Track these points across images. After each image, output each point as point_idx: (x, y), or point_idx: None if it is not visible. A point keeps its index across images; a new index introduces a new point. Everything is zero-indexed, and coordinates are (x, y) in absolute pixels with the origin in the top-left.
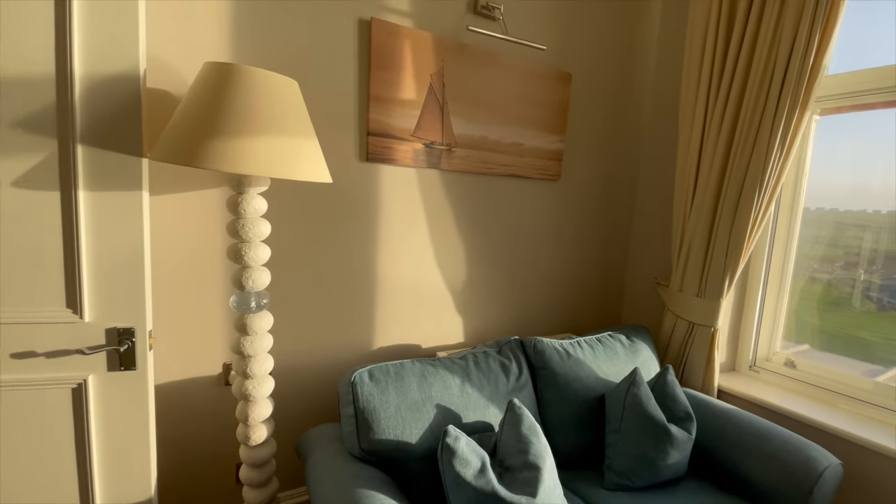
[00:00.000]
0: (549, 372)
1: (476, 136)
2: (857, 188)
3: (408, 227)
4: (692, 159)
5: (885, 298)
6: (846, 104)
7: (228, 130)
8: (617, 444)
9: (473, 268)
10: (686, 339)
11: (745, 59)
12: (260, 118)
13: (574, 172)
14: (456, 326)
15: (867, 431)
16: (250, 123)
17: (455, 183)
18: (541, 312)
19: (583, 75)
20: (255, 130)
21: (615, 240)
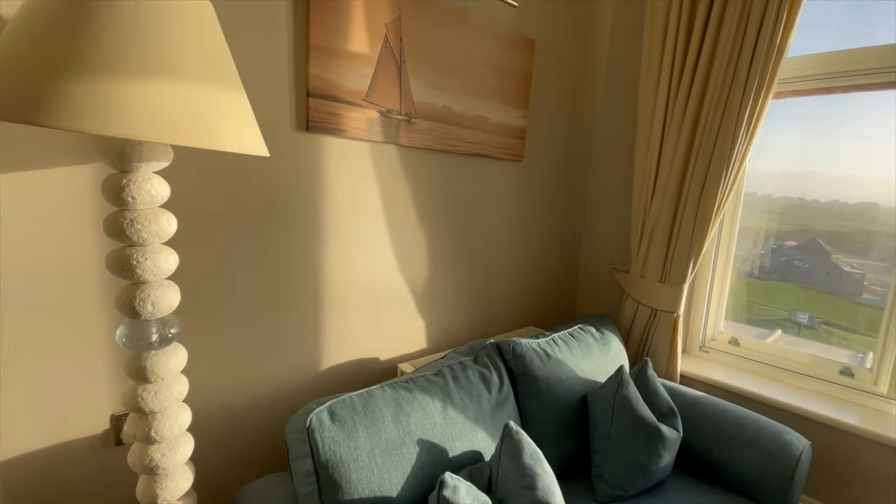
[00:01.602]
0: (530, 378)
1: (439, 106)
2: (793, 175)
3: (361, 216)
4: (654, 144)
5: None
6: (784, 90)
7: (99, 66)
8: (607, 451)
9: (436, 263)
10: (648, 325)
11: (712, 37)
12: (154, 50)
13: (537, 153)
14: (418, 331)
15: (820, 406)
16: (137, 57)
17: (417, 162)
18: (504, 307)
19: (545, 43)
20: (147, 69)
21: (571, 225)
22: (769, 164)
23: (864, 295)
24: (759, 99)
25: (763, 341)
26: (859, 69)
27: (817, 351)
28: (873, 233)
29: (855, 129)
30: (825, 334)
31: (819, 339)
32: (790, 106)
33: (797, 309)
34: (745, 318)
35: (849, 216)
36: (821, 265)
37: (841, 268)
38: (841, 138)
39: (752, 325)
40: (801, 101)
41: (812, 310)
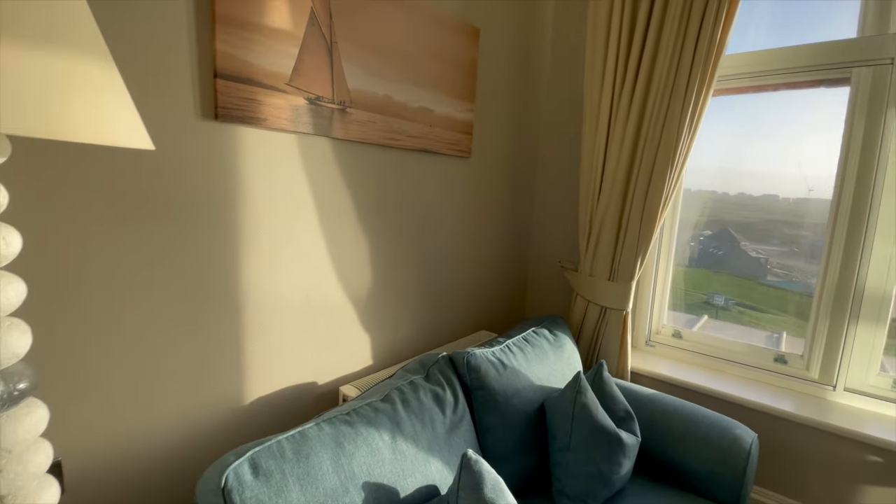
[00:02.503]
0: (486, 392)
1: (379, 95)
2: (711, 170)
3: (290, 220)
4: (600, 141)
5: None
6: (719, 87)
7: None
8: (567, 463)
9: (380, 269)
10: (599, 324)
11: (654, 33)
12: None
13: (485, 149)
14: (362, 347)
15: (760, 395)
16: None
17: (354, 157)
18: (455, 313)
19: (490, 33)
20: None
21: (520, 224)
22: (696, 161)
23: (769, 277)
24: (701, 94)
25: (694, 329)
26: (788, 68)
27: (737, 334)
28: (773, 221)
29: (762, 126)
30: (738, 315)
31: (734, 319)
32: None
33: (714, 293)
34: (675, 306)
35: (753, 207)
36: (732, 252)
37: (748, 253)
38: (751, 135)
39: (682, 312)
40: (728, 99)
41: (727, 293)
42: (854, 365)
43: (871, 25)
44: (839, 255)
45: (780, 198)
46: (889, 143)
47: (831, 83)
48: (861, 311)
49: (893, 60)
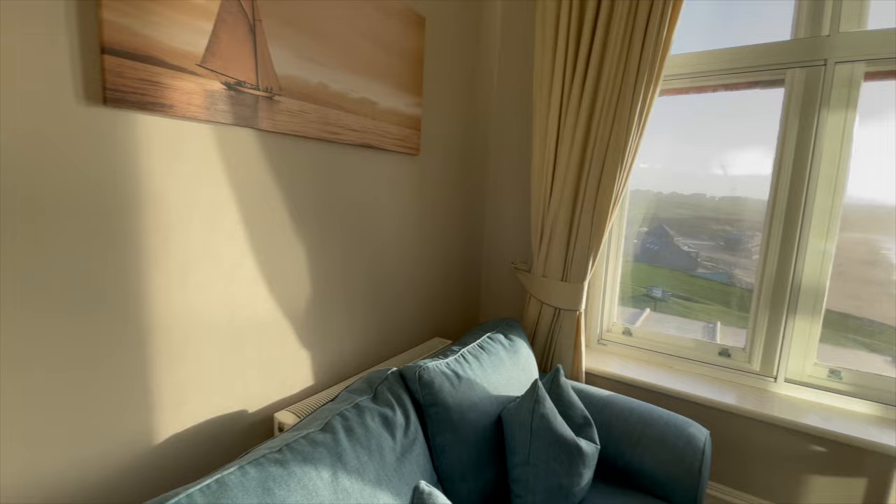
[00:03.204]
0: (440, 408)
1: (312, 83)
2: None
3: (207, 226)
4: (550, 140)
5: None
6: (664, 87)
7: None
8: (527, 478)
9: (320, 278)
10: (553, 325)
11: (602, 32)
12: None
13: (434, 146)
14: (301, 366)
15: (708, 390)
16: None
17: (286, 152)
18: (406, 320)
19: (436, 23)
20: None
21: (472, 225)
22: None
23: (699, 269)
24: (648, 93)
25: (639, 322)
26: (726, 69)
27: (679, 325)
28: (702, 218)
29: (700, 127)
30: (675, 305)
31: (671, 311)
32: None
33: (653, 286)
34: (622, 301)
35: (685, 205)
36: (667, 247)
37: (681, 248)
38: (689, 136)
39: (627, 306)
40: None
41: (665, 285)
42: (793, 356)
43: (804, 28)
44: (776, 250)
45: (707, 196)
46: (822, 142)
47: (767, 84)
48: (798, 305)
49: (826, 62)
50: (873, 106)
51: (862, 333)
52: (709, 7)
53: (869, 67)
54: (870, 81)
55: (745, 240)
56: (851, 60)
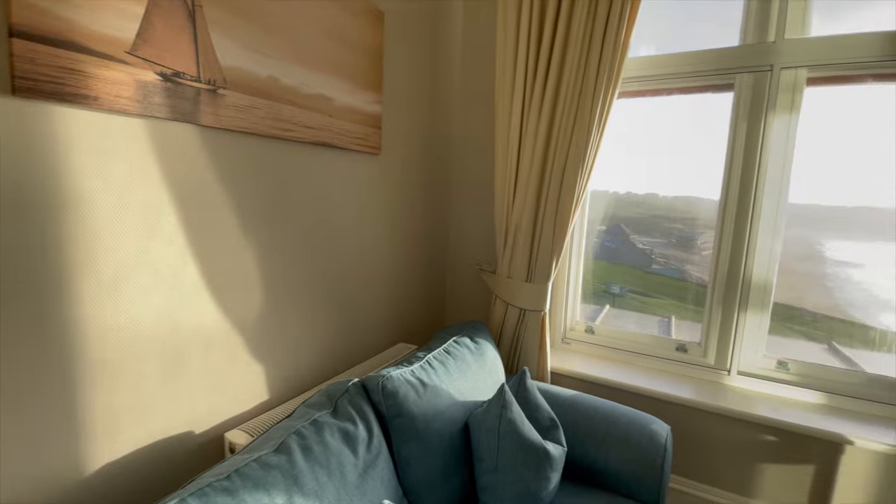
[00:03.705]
0: (405, 419)
1: (261, 76)
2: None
3: (143, 233)
4: (513, 141)
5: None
6: (622, 89)
7: None
8: (495, 485)
9: (274, 285)
10: (518, 326)
11: (563, 33)
12: None
13: (396, 145)
14: (254, 380)
15: (668, 385)
16: None
17: (233, 150)
18: (369, 326)
19: (396, 18)
20: None
21: (435, 226)
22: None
23: (654, 266)
24: (608, 94)
25: (599, 318)
26: (680, 73)
27: (637, 320)
28: (655, 217)
29: (655, 129)
30: (632, 301)
31: (629, 306)
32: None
33: (612, 282)
34: (583, 298)
35: (639, 204)
36: (624, 245)
37: (637, 245)
38: (646, 137)
39: (588, 303)
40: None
41: (622, 282)
42: (745, 349)
43: (752, 34)
44: (728, 249)
45: (660, 195)
46: (769, 143)
47: (718, 88)
48: (749, 300)
49: (772, 67)
50: (814, 110)
51: (801, 323)
52: (664, 11)
53: (811, 73)
54: (812, 87)
55: (696, 237)
56: (795, 66)
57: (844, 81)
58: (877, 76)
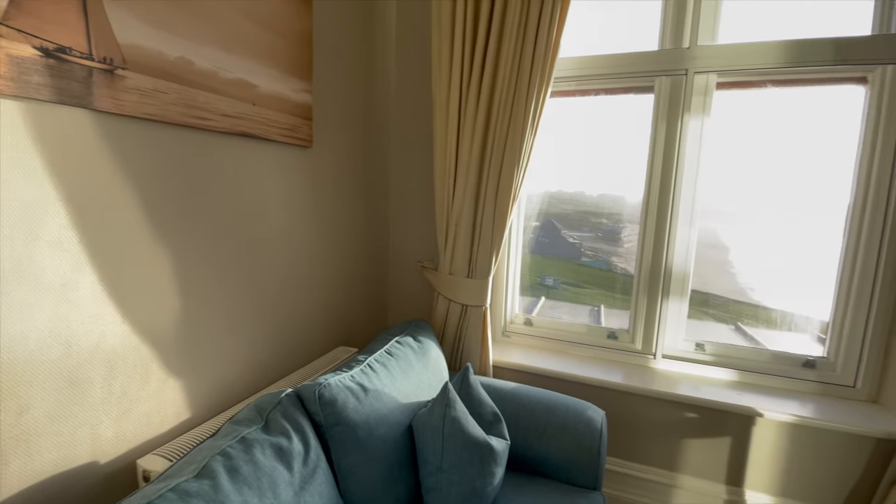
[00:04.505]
0: (345, 427)
1: (171, 57)
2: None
3: (23, 237)
4: (451, 138)
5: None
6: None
7: None
8: (441, 486)
9: (192, 292)
10: (460, 322)
11: (497, 31)
12: None
13: (329, 137)
14: (171, 397)
15: (601, 371)
16: None
17: (137, 139)
18: (305, 331)
19: (325, 4)
20: None
21: (374, 223)
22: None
23: (583, 258)
24: (541, 94)
25: (536, 310)
26: (606, 74)
27: (569, 310)
28: (583, 212)
29: (585, 128)
30: (564, 292)
31: (562, 297)
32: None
33: (546, 275)
34: (521, 291)
35: (568, 201)
36: (556, 239)
37: (567, 240)
38: (574, 137)
39: (525, 296)
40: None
41: (555, 274)
42: (668, 334)
43: (669, 40)
44: (651, 241)
45: (586, 193)
46: (685, 142)
47: (639, 90)
48: (670, 288)
49: (687, 72)
50: (721, 112)
51: (712, 307)
52: (591, 13)
53: (720, 78)
54: (720, 91)
55: (619, 231)
56: (706, 71)
57: (748, 86)
58: (776, 82)
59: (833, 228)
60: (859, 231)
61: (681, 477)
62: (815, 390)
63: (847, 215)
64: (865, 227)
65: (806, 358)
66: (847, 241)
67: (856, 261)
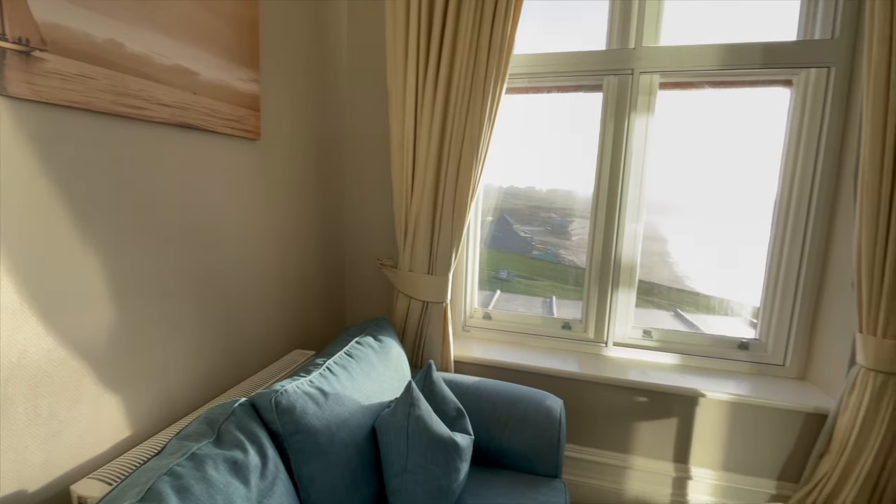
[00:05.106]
0: (305, 435)
1: (99, 39)
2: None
3: None
4: (408, 133)
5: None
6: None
7: None
8: (406, 487)
9: (129, 297)
10: (421, 319)
11: (452, 25)
12: None
13: (279, 131)
14: (107, 415)
15: (557, 361)
16: None
17: (60, 130)
18: (257, 335)
19: None
20: None
21: (331, 221)
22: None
23: (534, 252)
24: (497, 89)
25: (493, 303)
26: (556, 72)
27: (524, 303)
28: (534, 207)
29: (535, 125)
30: (517, 285)
31: (515, 290)
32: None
33: (500, 269)
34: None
35: (520, 196)
36: (508, 234)
37: (519, 234)
38: (526, 133)
39: (483, 290)
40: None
41: (508, 267)
42: (618, 323)
43: (616, 40)
44: (601, 235)
45: (536, 188)
46: (632, 139)
47: (588, 89)
48: (619, 279)
49: (633, 71)
50: (664, 111)
51: (654, 295)
52: (543, 11)
53: (663, 78)
54: (663, 90)
55: (567, 225)
56: (650, 71)
57: (688, 87)
58: (713, 83)
59: (763, 220)
60: (786, 222)
61: (633, 458)
62: (749, 370)
63: (775, 208)
64: (791, 219)
65: (741, 340)
66: (775, 232)
67: (783, 250)
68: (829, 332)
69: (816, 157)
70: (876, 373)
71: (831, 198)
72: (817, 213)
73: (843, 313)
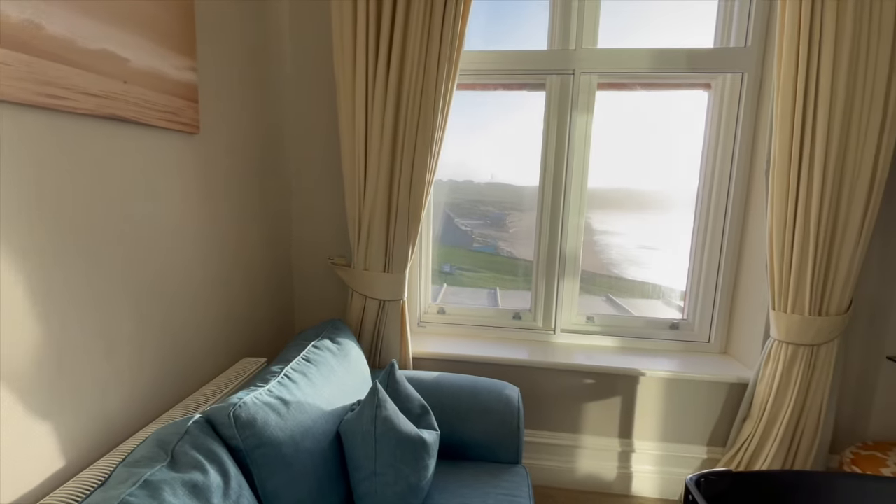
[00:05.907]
0: (269, 448)
1: (13, 19)
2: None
3: None
4: (359, 133)
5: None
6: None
7: None
8: (375, 490)
9: (55, 311)
10: (378, 318)
11: (402, 19)
12: None
13: (219, 123)
14: (35, 448)
15: (509, 351)
16: None
17: None
18: (200, 348)
19: None
20: None
21: (276, 219)
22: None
23: (474, 245)
24: (449, 84)
25: (440, 297)
26: (502, 69)
27: (469, 294)
28: (473, 201)
29: (482, 122)
30: (461, 278)
31: (460, 283)
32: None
33: (443, 262)
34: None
35: (460, 190)
36: (449, 227)
37: (460, 227)
38: (470, 129)
39: (433, 286)
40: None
41: (451, 261)
42: (564, 310)
43: (557, 41)
44: (547, 228)
45: (474, 182)
46: (574, 137)
47: (532, 87)
48: (565, 269)
49: (574, 72)
50: (602, 110)
51: (593, 283)
52: (488, 10)
53: (601, 79)
54: (601, 90)
55: (504, 217)
56: (590, 72)
57: (622, 87)
58: (644, 85)
59: (687, 212)
60: (707, 213)
61: (583, 437)
62: (679, 348)
63: (697, 201)
64: (712, 211)
65: (671, 321)
66: (697, 221)
67: (705, 237)
68: (747, 310)
69: (733, 154)
70: (787, 344)
71: (746, 190)
72: (734, 203)
73: (758, 293)
